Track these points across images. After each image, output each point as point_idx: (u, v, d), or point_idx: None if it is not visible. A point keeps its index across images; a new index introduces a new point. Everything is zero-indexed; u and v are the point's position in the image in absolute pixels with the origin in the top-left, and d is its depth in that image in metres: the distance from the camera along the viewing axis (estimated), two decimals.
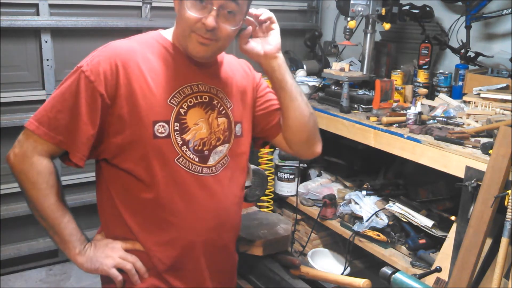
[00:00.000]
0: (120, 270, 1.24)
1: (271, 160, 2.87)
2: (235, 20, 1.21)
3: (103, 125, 1.19)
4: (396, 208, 2.21)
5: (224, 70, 1.37)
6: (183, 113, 1.24)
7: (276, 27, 1.32)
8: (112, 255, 1.24)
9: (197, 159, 1.25)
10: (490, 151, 1.59)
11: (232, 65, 1.41)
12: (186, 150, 1.24)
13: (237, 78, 1.40)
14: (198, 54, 1.23)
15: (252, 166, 1.64)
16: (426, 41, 2.52)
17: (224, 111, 1.33)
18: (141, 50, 1.24)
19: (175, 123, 1.23)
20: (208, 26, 1.16)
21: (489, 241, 1.58)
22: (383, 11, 2.43)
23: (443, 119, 2.06)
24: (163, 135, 1.21)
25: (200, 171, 1.26)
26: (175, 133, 1.22)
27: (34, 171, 1.18)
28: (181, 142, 1.23)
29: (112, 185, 1.26)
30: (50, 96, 1.21)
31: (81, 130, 1.17)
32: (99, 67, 1.17)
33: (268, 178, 2.71)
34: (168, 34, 1.31)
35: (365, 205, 2.37)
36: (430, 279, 1.75)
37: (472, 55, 2.45)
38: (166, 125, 1.21)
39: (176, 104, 1.23)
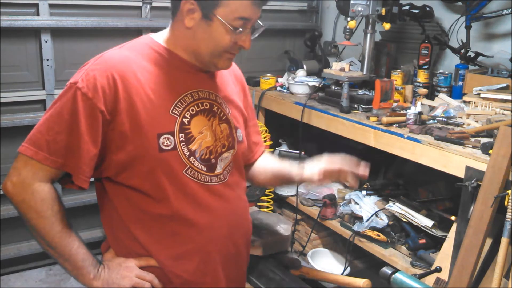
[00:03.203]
0: None
1: None
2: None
3: (104, 142, 1.13)
4: (396, 208, 2.21)
5: (220, 74, 1.35)
6: (186, 123, 1.20)
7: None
8: (128, 275, 1.19)
9: (205, 169, 1.22)
10: (490, 151, 1.59)
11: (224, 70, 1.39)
12: (194, 161, 1.20)
13: (230, 83, 1.39)
14: (227, 68, 1.27)
15: None
16: (426, 41, 2.51)
17: (224, 117, 1.30)
18: (135, 58, 1.18)
19: (180, 134, 1.18)
20: (247, 47, 1.19)
21: (489, 241, 1.58)
22: (383, 11, 2.43)
23: (443, 119, 2.05)
24: (169, 147, 1.16)
25: (209, 181, 1.23)
26: (181, 144, 1.18)
27: (37, 199, 1.11)
28: (188, 153, 1.19)
29: (118, 203, 1.21)
30: (43, 118, 1.13)
31: (83, 150, 1.10)
32: (96, 82, 1.09)
33: None
34: (159, 38, 1.26)
35: (365, 205, 2.36)
36: (430, 279, 1.75)
37: (472, 55, 2.45)
38: (171, 137, 1.16)
39: (178, 114, 1.19)
